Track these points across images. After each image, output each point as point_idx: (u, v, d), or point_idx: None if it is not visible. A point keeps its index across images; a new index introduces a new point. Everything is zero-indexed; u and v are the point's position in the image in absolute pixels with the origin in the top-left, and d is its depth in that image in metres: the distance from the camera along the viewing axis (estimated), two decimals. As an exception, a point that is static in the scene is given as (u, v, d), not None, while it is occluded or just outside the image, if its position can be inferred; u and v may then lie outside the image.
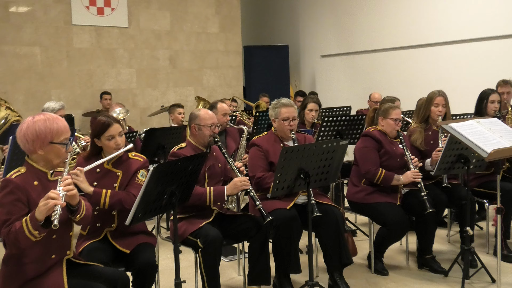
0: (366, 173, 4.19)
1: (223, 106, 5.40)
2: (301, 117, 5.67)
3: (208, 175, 3.72)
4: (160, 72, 9.55)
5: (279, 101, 4.10)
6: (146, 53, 9.38)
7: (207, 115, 3.77)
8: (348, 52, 9.95)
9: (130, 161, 3.35)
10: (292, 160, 3.31)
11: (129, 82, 9.23)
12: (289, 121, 4.00)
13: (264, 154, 3.97)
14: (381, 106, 4.48)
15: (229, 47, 10.35)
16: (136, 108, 9.29)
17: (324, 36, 10.52)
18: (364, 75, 9.64)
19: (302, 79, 11.30)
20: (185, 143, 3.80)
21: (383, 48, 9.20)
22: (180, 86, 9.77)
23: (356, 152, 4.34)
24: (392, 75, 9.07)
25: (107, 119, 3.30)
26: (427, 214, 4.06)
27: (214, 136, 3.75)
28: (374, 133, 4.29)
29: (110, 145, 3.28)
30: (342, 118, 5.25)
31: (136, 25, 9.25)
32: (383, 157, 4.24)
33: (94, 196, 3.16)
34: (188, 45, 9.84)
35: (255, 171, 3.94)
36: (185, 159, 2.91)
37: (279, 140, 4.08)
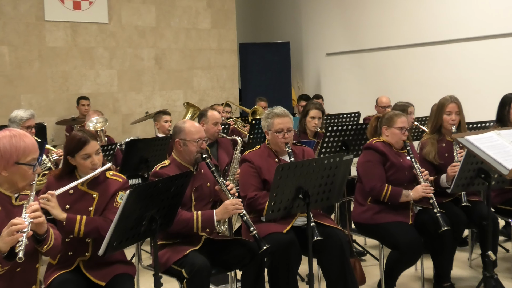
0: (371, 190, 4.19)
1: (214, 115, 5.41)
2: (302, 125, 5.69)
3: (195, 197, 3.71)
4: (144, 73, 9.58)
5: (271, 110, 4.10)
6: (129, 52, 9.41)
7: (193, 129, 3.77)
8: (357, 50, 9.98)
9: (108, 181, 3.34)
10: (289, 178, 3.31)
11: (109, 85, 9.25)
12: (283, 133, 4.00)
13: (256, 171, 3.96)
14: (384, 114, 4.48)
15: (223, 45, 10.39)
16: (118, 115, 9.32)
17: (330, 32, 10.55)
18: (375, 76, 9.67)
19: (305, 80, 11.33)
20: (168, 160, 3.80)
21: (396, 45, 9.23)
22: (167, 90, 9.79)
23: (359, 167, 4.34)
24: (406, 76, 9.10)
25: (83, 135, 3.29)
26: (443, 234, 4.06)
27: (201, 152, 3.74)
28: (377, 145, 4.29)
29: (86, 165, 3.28)
30: (348, 127, 5.26)
31: (117, 20, 9.29)
32: (389, 171, 4.24)
33: (68, 223, 3.15)
34: (176, 43, 9.87)
35: (247, 190, 3.93)
36: (166, 179, 2.91)
37: (274, 154, 4.08)
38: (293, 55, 11.02)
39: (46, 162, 4.85)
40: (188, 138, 3.74)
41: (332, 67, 10.62)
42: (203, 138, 3.78)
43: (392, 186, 4.17)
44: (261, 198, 3.84)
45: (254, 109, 8.04)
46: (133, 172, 5.60)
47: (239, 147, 5.46)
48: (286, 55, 10.80)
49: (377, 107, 7.64)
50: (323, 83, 10.91)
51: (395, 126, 4.31)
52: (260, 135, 6.39)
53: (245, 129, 7.30)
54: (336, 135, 5.19)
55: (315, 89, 10.90)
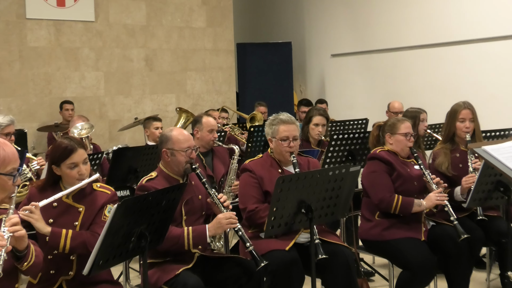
0: (380, 202, 4.19)
1: (210, 121, 5.42)
2: (305, 133, 5.70)
3: (186, 211, 3.71)
4: (133, 76, 9.59)
5: (277, 116, 4.12)
6: (117, 53, 9.43)
7: (181, 137, 3.78)
8: (365, 51, 10.01)
9: (95, 194, 3.35)
10: (290, 191, 3.32)
11: (95, 88, 9.27)
12: (288, 141, 4.01)
13: (258, 182, 3.97)
14: (386, 121, 4.50)
15: (219, 45, 10.41)
16: (104, 120, 9.33)
17: (335, 31, 10.58)
18: (384, 79, 9.69)
19: (308, 83, 11.35)
20: (155, 172, 3.80)
21: (407, 46, 9.25)
22: (159, 93, 9.81)
23: (363, 180, 4.34)
24: (418, 79, 9.11)
25: (70, 143, 3.31)
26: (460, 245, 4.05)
27: (190, 162, 3.75)
28: (381, 154, 4.30)
29: (72, 175, 3.29)
30: (355, 135, 5.27)
31: (104, 18, 9.32)
32: (396, 182, 4.25)
33: (52, 237, 3.16)
34: (168, 42, 9.90)
35: (247, 202, 3.94)
36: (157, 192, 2.92)
37: (277, 164, 4.09)
38: (295, 56, 11.04)
39: (26, 172, 4.85)
40: (175, 147, 3.75)
41: (338, 69, 10.64)
42: (192, 147, 3.79)
43: (402, 196, 4.18)
44: (262, 211, 3.85)
45: (252, 114, 8.06)
46: (120, 183, 5.59)
47: (236, 157, 5.46)
48: (288, 56, 10.83)
49: (389, 113, 7.65)
50: (327, 86, 10.93)
51: (399, 133, 4.33)
52: (259, 143, 6.40)
53: (243, 136, 7.31)
54: (341, 144, 5.19)
55: (319, 93, 10.92)
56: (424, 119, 5.78)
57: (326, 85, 10.96)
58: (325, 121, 5.68)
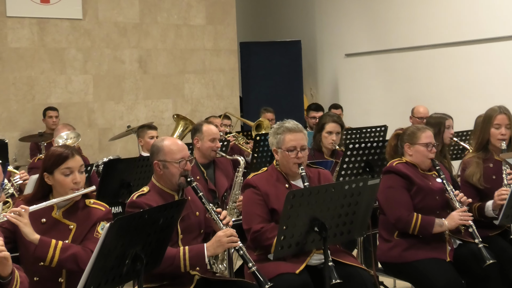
0: (397, 221, 4.20)
1: (211, 129, 5.44)
2: (317, 142, 5.71)
3: (182, 228, 3.72)
4: (126, 79, 9.61)
5: (282, 124, 4.12)
6: (107, 54, 9.46)
7: (174, 147, 3.80)
8: (383, 50, 10.00)
9: (88, 210, 3.38)
10: (302, 207, 3.33)
11: (83, 93, 9.29)
12: (296, 151, 4.01)
13: (263, 199, 3.97)
14: (404, 130, 4.50)
15: (220, 44, 10.44)
16: (93, 129, 9.34)
17: (350, 28, 10.58)
18: (405, 81, 9.67)
19: (320, 86, 11.35)
20: (147, 186, 3.82)
21: (431, 44, 9.24)
22: (154, 98, 9.83)
23: (379, 196, 4.31)
24: (443, 81, 9.10)
25: (66, 150, 3.37)
26: (488, 271, 4.04)
27: (185, 175, 3.77)
28: (398, 167, 4.31)
29: (66, 183, 3.33)
30: (373, 144, 5.28)
31: (93, 16, 9.35)
32: (416, 197, 4.25)
33: (40, 246, 3.19)
34: (163, 42, 9.92)
35: (251, 222, 3.94)
36: (154, 210, 2.93)
37: (283, 178, 4.09)
38: (305, 56, 11.04)
39: (7, 188, 4.87)
40: (168, 158, 3.77)
41: (353, 71, 10.64)
42: (186, 158, 3.80)
43: (421, 215, 4.18)
44: (269, 232, 3.84)
45: (258, 122, 8.06)
46: (112, 198, 5.60)
47: (241, 169, 5.47)
48: (297, 57, 10.83)
49: (413, 119, 7.64)
50: (341, 90, 10.93)
51: (419, 143, 4.34)
52: (266, 153, 6.41)
53: (247, 146, 7.30)
54: (358, 154, 5.19)
55: (331, 97, 10.91)
56: (450, 126, 5.77)
57: (340, 88, 10.96)
58: (339, 129, 5.68)
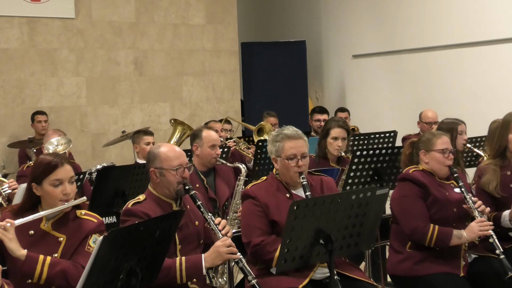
0: (413, 233, 4.20)
1: (211, 135, 5.44)
2: (322, 148, 5.70)
3: (181, 238, 3.73)
4: (120, 81, 9.62)
5: (280, 131, 4.12)
6: (101, 55, 9.46)
7: (171, 153, 3.82)
8: (392, 51, 10.01)
9: (79, 222, 3.38)
10: (306, 218, 3.32)
11: (76, 96, 9.29)
12: (296, 160, 4.01)
13: (262, 210, 3.97)
14: (420, 137, 4.50)
15: (221, 45, 10.44)
16: (86, 134, 9.34)
17: (358, 28, 10.59)
18: (415, 84, 9.68)
19: (326, 89, 11.36)
20: (144, 194, 3.84)
21: (443, 44, 9.24)
22: (150, 102, 9.83)
23: (393, 205, 4.34)
24: (455, 84, 9.10)
25: (55, 158, 3.37)
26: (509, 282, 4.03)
27: (183, 183, 3.78)
28: (415, 175, 4.31)
29: (55, 194, 3.33)
30: (382, 150, 5.28)
31: (86, 15, 9.36)
32: (432, 208, 4.25)
33: (27, 262, 3.19)
34: (161, 42, 9.93)
35: (251, 235, 3.93)
36: (150, 222, 2.93)
37: (284, 187, 4.09)
38: (310, 57, 11.05)
39: (-5, 198, 4.87)
40: (164, 165, 3.79)
41: (360, 73, 10.65)
42: (184, 165, 3.82)
43: (438, 226, 4.18)
44: (270, 245, 3.85)
45: (260, 126, 8.03)
46: (106, 208, 5.60)
47: (242, 177, 5.47)
48: (301, 58, 10.84)
49: (421, 123, 7.65)
50: (348, 93, 10.93)
51: (436, 149, 4.34)
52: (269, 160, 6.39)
53: (249, 151, 7.30)
54: (366, 161, 5.20)
55: (338, 100, 10.92)
56: (463, 132, 5.77)
57: (347, 91, 10.96)
58: (345, 134, 5.66)
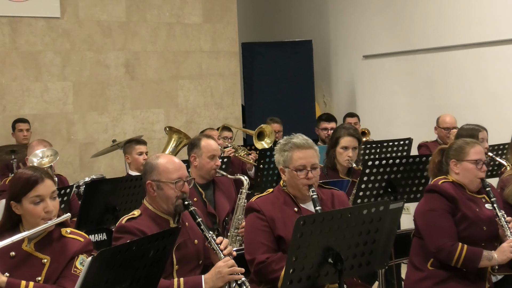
0: (438, 251, 4.20)
1: (210, 145, 5.43)
2: (331, 159, 5.69)
3: (178, 258, 3.73)
4: (110, 86, 9.62)
5: (289, 140, 4.13)
6: (89, 58, 9.47)
7: (170, 165, 3.84)
8: (407, 51, 10.00)
9: (64, 241, 3.37)
10: (313, 235, 3.32)
11: (62, 103, 9.29)
12: (305, 171, 4.02)
13: (268, 225, 3.98)
14: (451, 144, 4.50)
15: (219, 45, 10.44)
16: (73, 144, 9.34)
17: (369, 26, 10.59)
18: (432, 86, 9.66)
19: (334, 93, 11.36)
20: (139, 210, 3.84)
21: (462, 44, 9.23)
22: (143, 108, 9.82)
23: (418, 218, 4.35)
24: (476, 87, 9.08)
25: (34, 173, 3.36)
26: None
27: (183, 197, 3.79)
28: (445, 187, 4.31)
29: (36, 212, 3.32)
30: (396, 160, 5.28)
31: (73, 14, 9.37)
32: (460, 224, 4.25)
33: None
34: (154, 43, 9.94)
35: (255, 251, 3.94)
36: (143, 241, 2.93)
37: (292, 201, 4.09)
38: (317, 58, 11.04)
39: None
40: (163, 178, 3.81)
41: (372, 75, 10.64)
42: (184, 178, 3.84)
43: (467, 246, 4.18)
44: (275, 263, 3.85)
45: (260, 129, 7.96)
46: (95, 225, 5.62)
47: (244, 190, 5.46)
48: (308, 59, 10.83)
49: (438, 129, 7.67)
50: (359, 97, 10.92)
51: (468, 159, 4.34)
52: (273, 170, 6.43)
53: (249, 157, 7.29)
54: (378, 172, 5.20)
55: (348, 105, 10.91)
56: (484, 139, 5.78)
57: (358, 95, 10.95)
58: (356, 143, 5.64)
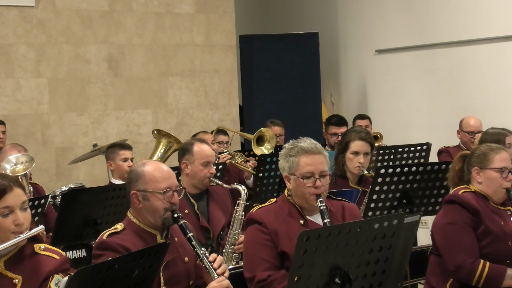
0: (458, 269, 4.23)
1: (204, 151, 5.43)
2: (340, 166, 5.70)
3: (166, 278, 3.74)
4: (91, 84, 9.62)
5: (296, 144, 4.14)
6: (67, 51, 9.47)
7: (157, 173, 3.85)
8: (425, 45, 10.01)
9: (38, 259, 3.37)
10: (319, 252, 3.31)
11: (36, 102, 9.30)
12: (313, 179, 4.03)
13: (270, 239, 4.00)
14: (474, 150, 4.52)
15: (214, 38, 10.45)
16: (49, 149, 9.34)
17: (382, 18, 10.61)
18: (453, 85, 9.67)
19: (343, 92, 11.36)
20: (122, 223, 3.86)
21: (487, 37, 9.24)
22: (128, 109, 9.82)
23: (436, 232, 4.39)
24: (503, 86, 9.10)
25: (2, 181, 3.35)
26: None
27: (172, 210, 3.80)
28: (467, 198, 4.34)
29: (6, 226, 3.32)
30: (412, 168, 5.29)
31: (49, 2, 9.38)
32: (483, 239, 4.29)
33: None
34: (140, 36, 9.94)
35: (255, 268, 3.96)
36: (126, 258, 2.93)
37: (298, 212, 4.11)
38: (324, 53, 11.05)
39: None
40: (150, 188, 3.82)
41: (386, 72, 10.64)
42: (173, 188, 3.85)
43: (490, 263, 4.21)
44: (277, 282, 3.87)
45: (259, 133, 7.96)
46: (73, 240, 5.62)
47: (242, 202, 5.47)
48: (313, 54, 10.83)
49: (462, 133, 7.68)
50: (371, 96, 10.92)
51: (492, 167, 4.37)
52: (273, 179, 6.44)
53: (247, 164, 7.29)
54: (392, 181, 5.22)
55: (358, 106, 10.92)
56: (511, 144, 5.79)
57: (369, 95, 10.95)
58: (368, 149, 5.65)
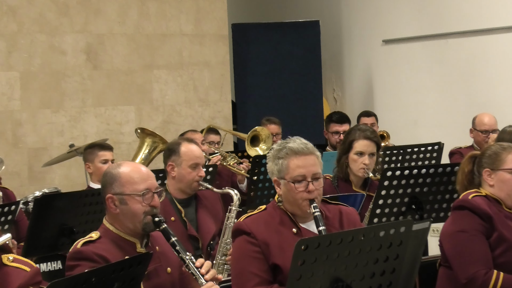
0: (470, 281, 4.24)
1: (192, 151, 5.44)
2: (343, 168, 5.70)
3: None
4: (68, 77, 9.62)
5: (284, 144, 4.13)
6: (41, 42, 9.48)
7: (135, 174, 3.88)
8: (437, 34, 10.04)
9: (6, 271, 3.39)
10: (318, 263, 3.32)
11: (6, 98, 9.30)
12: (305, 183, 4.04)
13: (260, 251, 4.00)
14: (485, 149, 4.54)
15: (204, 27, 10.46)
16: (21, 150, 9.34)
17: (390, 5, 10.62)
18: (467, 79, 9.70)
19: (347, 86, 11.38)
20: (98, 231, 3.87)
21: (505, 26, 9.27)
22: (108, 105, 9.83)
23: (445, 241, 4.41)
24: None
25: None
26: None
27: (152, 213, 3.82)
28: (477, 202, 4.35)
29: None
30: (421, 170, 5.31)
31: (21, -13, 9.41)
32: (497, 247, 4.31)
33: None
34: (122, 24, 9.94)
35: (245, 283, 3.96)
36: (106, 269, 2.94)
37: (290, 220, 4.12)
38: (326, 43, 11.07)
39: None
40: (126, 190, 3.83)
41: (393, 64, 10.66)
42: (153, 189, 3.86)
43: (504, 274, 4.23)
44: (270, 297, 3.89)
45: (254, 132, 7.97)
46: (47, 250, 5.62)
47: (234, 207, 5.47)
48: (314, 44, 10.84)
49: (475, 132, 7.69)
50: (377, 91, 10.94)
51: (504, 168, 4.38)
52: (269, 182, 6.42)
53: (240, 167, 7.28)
54: (400, 184, 5.24)
55: (363, 101, 10.94)
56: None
57: (376, 89, 10.97)
58: (374, 149, 5.66)
